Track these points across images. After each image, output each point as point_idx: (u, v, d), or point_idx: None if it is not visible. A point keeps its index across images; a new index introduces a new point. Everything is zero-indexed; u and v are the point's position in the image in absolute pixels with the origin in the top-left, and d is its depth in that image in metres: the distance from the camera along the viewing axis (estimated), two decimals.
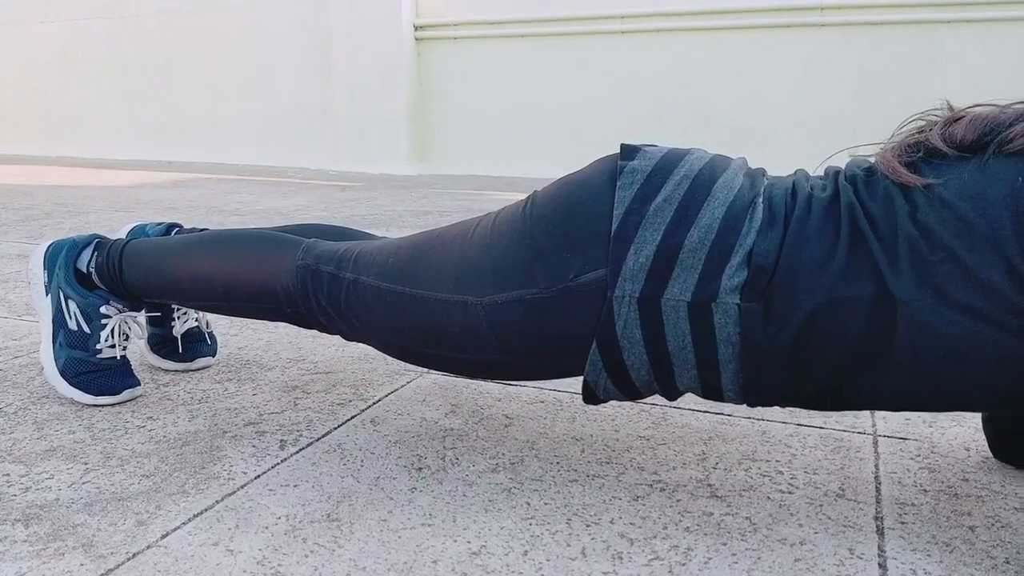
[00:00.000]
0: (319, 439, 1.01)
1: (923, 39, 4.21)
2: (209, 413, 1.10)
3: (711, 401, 1.10)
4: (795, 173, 0.80)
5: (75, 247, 1.14)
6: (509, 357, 0.83)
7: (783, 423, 1.07)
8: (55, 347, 1.12)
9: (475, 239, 0.84)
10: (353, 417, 1.09)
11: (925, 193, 0.69)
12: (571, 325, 0.77)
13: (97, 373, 1.11)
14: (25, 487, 0.88)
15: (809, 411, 1.09)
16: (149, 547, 0.76)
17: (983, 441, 1.01)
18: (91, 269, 1.13)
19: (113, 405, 1.12)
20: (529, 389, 1.20)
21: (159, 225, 1.26)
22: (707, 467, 0.94)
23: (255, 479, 0.90)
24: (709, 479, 0.91)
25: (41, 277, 1.15)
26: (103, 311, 1.12)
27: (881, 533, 0.79)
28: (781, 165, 4.22)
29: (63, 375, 1.11)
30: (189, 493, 0.87)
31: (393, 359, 1.33)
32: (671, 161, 0.78)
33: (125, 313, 1.14)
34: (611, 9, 4.73)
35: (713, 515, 0.83)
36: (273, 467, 0.93)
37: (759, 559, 0.75)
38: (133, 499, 0.85)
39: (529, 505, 0.85)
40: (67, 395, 1.12)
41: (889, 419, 1.08)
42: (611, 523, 0.81)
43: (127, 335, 1.15)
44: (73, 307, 1.11)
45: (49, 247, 1.16)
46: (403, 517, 0.82)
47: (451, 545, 0.77)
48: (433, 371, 1.27)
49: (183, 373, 1.27)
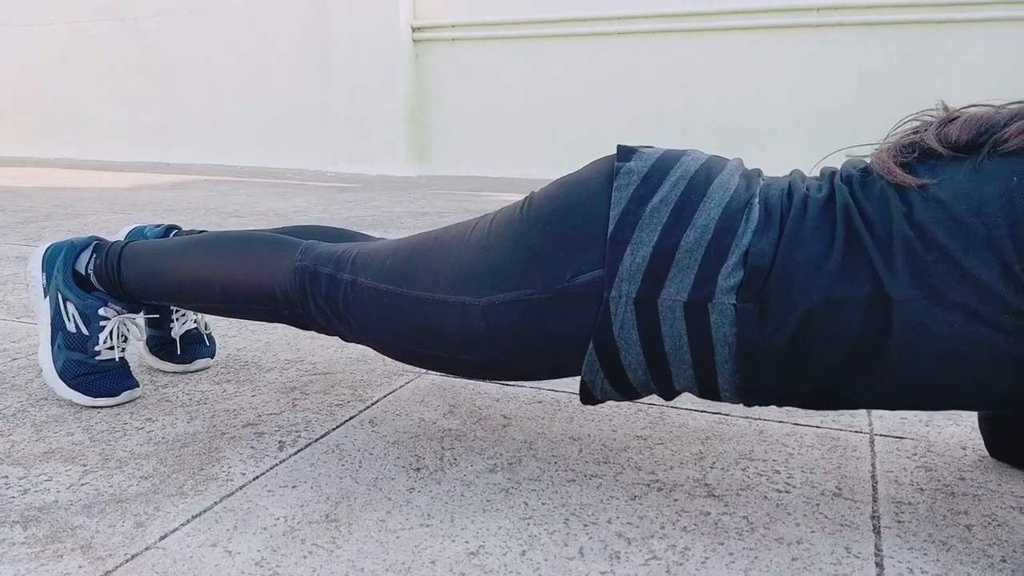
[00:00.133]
0: (317, 440, 1.02)
1: (923, 39, 4.21)
2: (208, 414, 1.10)
3: (708, 401, 1.10)
4: (791, 174, 0.80)
5: (73, 249, 1.14)
6: (507, 358, 0.83)
7: (780, 422, 1.07)
8: (54, 349, 1.12)
9: (473, 240, 0.84)
10: (351, 418, 1.09)
11: (920, 193, 0.69)
12: (568, 326, 0.77)
13: (96, 375, 1.11)
14: (24, 489, 0.88)
15: (806, 410, 1.09)
16: (148, 548, 0.76)
17: (980, 440, 1.01)
18: (89, 271, 1.13)
19: (112, 407, 1.12)
20: (527, 389, 1.20)
21: (157, 227, 1.27)
22: (704, 466, 0.94)
23: (253, 480, 0.90)
24: (706, 478, 0.91)
25: (39, 279, 1.15)
26: (102, 313, 1.12)
27: (878, 532, 0.80)
28: (781, 166, 4.23)
29: (62, 377, 1.11)
30: (188, 494, 0.87)
31: (391, 360, 1.33)
32: (667, 162, 0.78)
33: (124, 315, 1.14)
34: (609, 10, 4.73)
35: (710, 514, 0.83)
36: (272, 468, 0.93)
37: (756, 558, 0.75)
38: (132, 501, 0.86)
39: (527, 505, 0.85)
40: (66, 397, 1.12)
41: (886, 418, 1.09)
42: (608, 523, 0.81)
43: (126, 337, 1.15)
44: (72, 309, 1.11)
45: (47, 249, 1.16)
46: (401, 517, 0.82)
47: (449, 545, 0.77)
48: (431, 372, 1.28)
49: (182, 375, 1.27)
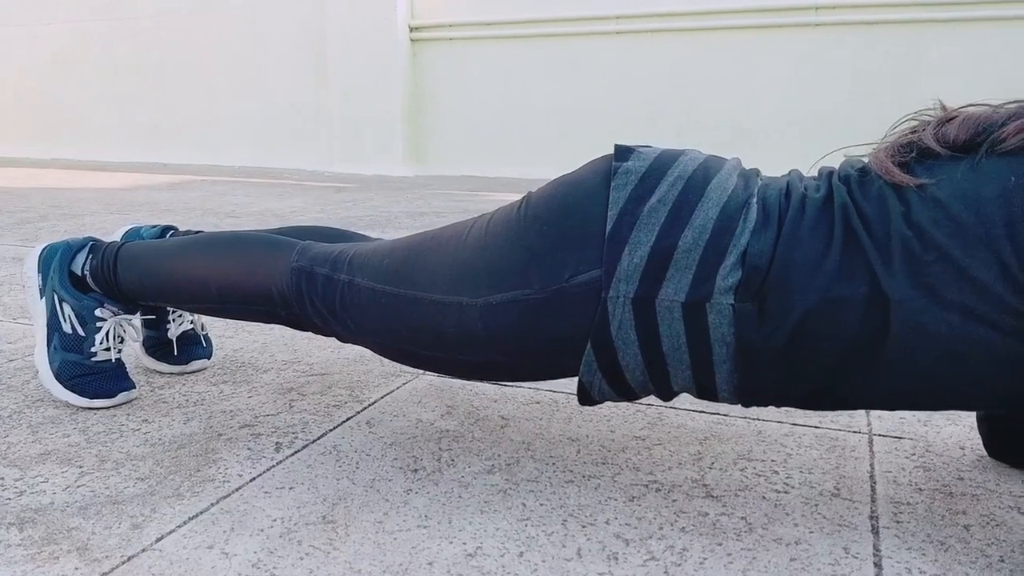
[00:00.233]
0: (315, 441, 1.01)
1: (917, 39, 4.22)
2: (204, 416, 1.10)
3: (706, 401, 1.10)
4: (789, 173, 0.80)
5: (69, 250, 1.13)
6: (504, 358, 0.83)
7: (778, 423, 1.07)
8: (50, 350, 1.12)
9: (470, 240, 0.84)
10: (349, 419, 1.09)
11: (918, 193, 0.69)
12: (566, 326, 0.77)
13: (92, 376, 1.11)
14: (20, 491, 0.88)
15: (804, 411, 1.09)
16: (144, 550, 0.76)
17: (978, 440, 1.01)
18: (86, 272, 1.13)
19: (108, 408, 1.12)
20: (525, 390, 1.20)
21: (154, 227, 1.26)
22: (703, 467, 0.94)
23: (250, 481, 0.90)
24: (705, 479, 0.91)
25: (36, 280, 1.14)
26: (98, 314, 1.11)
27: (876, 532, 0.80)
28: (775, 165, 4.23)
29: (58, 378, 1.11)
30: (184, 496, 0.87)
31: (388, 361, 1.33)
32: (665, 162, 0.78)
33: (120, 316, 1.14)
34: (605, 10, 4.74)
35: (709, 515, 0.83)
36: (268, 469, 0.93)
37: (755, 559, 0.75)
38: (128, 502, 0.85)
39: (525, 506, 0.85)
40: (62, 398, 1.11)
41: (884, 418, 1.09)
42: (607, 524, 0.81)
43: (122, 338, 1.15)
44: (68, 310, 1.11)
45: (43, 250, 1.15)
46: (399, 519, 0.82)
47: (447, 547, 0.77)
48: (428, 373, 1.27)
49: (178, 376, 1.26)
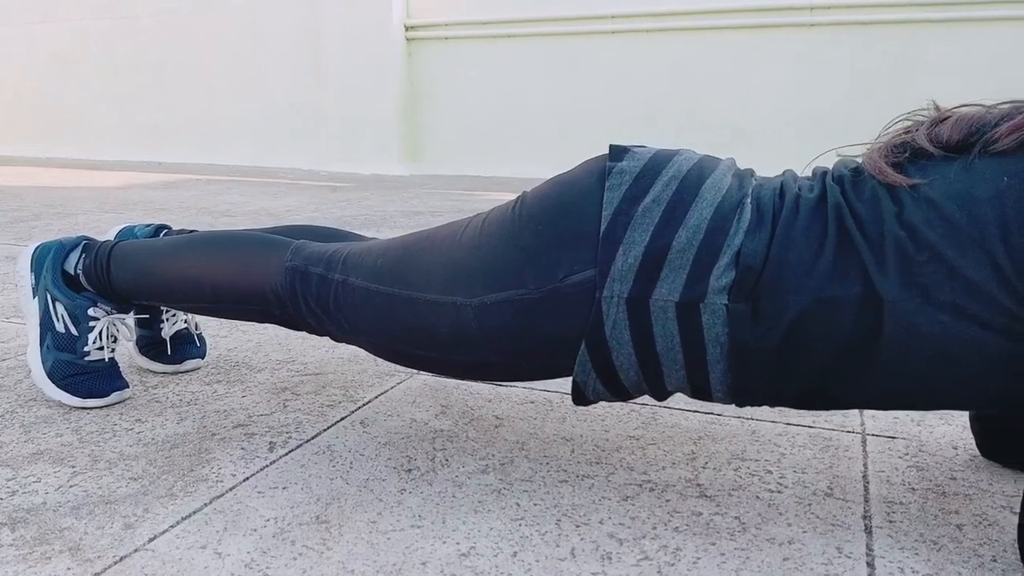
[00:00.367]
0: (308, 441, 1.01)
1: (914, 38, 4.22)
2: (198, 415, 1.10)
3: (700, 401, 1.10)
4: (783, 173, 0.80)
5: (62, 249, 1.13)
6: (499, 358, 0.83)
7: (772, 422, 1.07)
8: (43, 350, 1.12)
9: (464, 240, 0.84)
10: (343, 419, 1.09)
11: (911, 193, 0.69)
12: (560, 326, 0.77)
13: (85, 376, 1.11)
14: (12, 491, 0.88)
15: (798, 410, 1.09)
16: (136, 550, 0.76)
17: (971, 439, 1.02)
18: (79, 271, 1.12)
19: (101, 408, 1.11)
20: (519, 390, 1.20)
21: (148, 226, 1.26)
22: (696, 467, 0.94)
23: (244, 481, 0.90)
24: (698, 479, 0.91)
25: (28, 279, 1.14)
26: (91, 313, 1.11)
27: (869, 532, 0.80)
28: (772, 165, 4.24)
29: (51, 378, 1.11)
30: (177, 496, 0.86)
31: (383, 360, 1.33)
32: (659, 162, 0.78)
33: (113, 315, 1.13)
34: (602, 9, 4.73)
35: (702, 515, 0.83)
36: (262, 469, 0.93)
37: (748, 559, 0.75)
38: (121, 502, 0.85)
39: (519, 506, 0.85)
40: (55, 398, 1.11)
41: (878, 418, 1.09)
42: (600, 523, 0.81)
43: (115, 337, 1.15)
44: (61, 309, 1.11)
45: (36, 249, 1.15)
46: (392, 519, 0.82)
47: (440, 547, 0.77)
48: (423, 372, 1.27)
49: (172, 375, 1.26)
